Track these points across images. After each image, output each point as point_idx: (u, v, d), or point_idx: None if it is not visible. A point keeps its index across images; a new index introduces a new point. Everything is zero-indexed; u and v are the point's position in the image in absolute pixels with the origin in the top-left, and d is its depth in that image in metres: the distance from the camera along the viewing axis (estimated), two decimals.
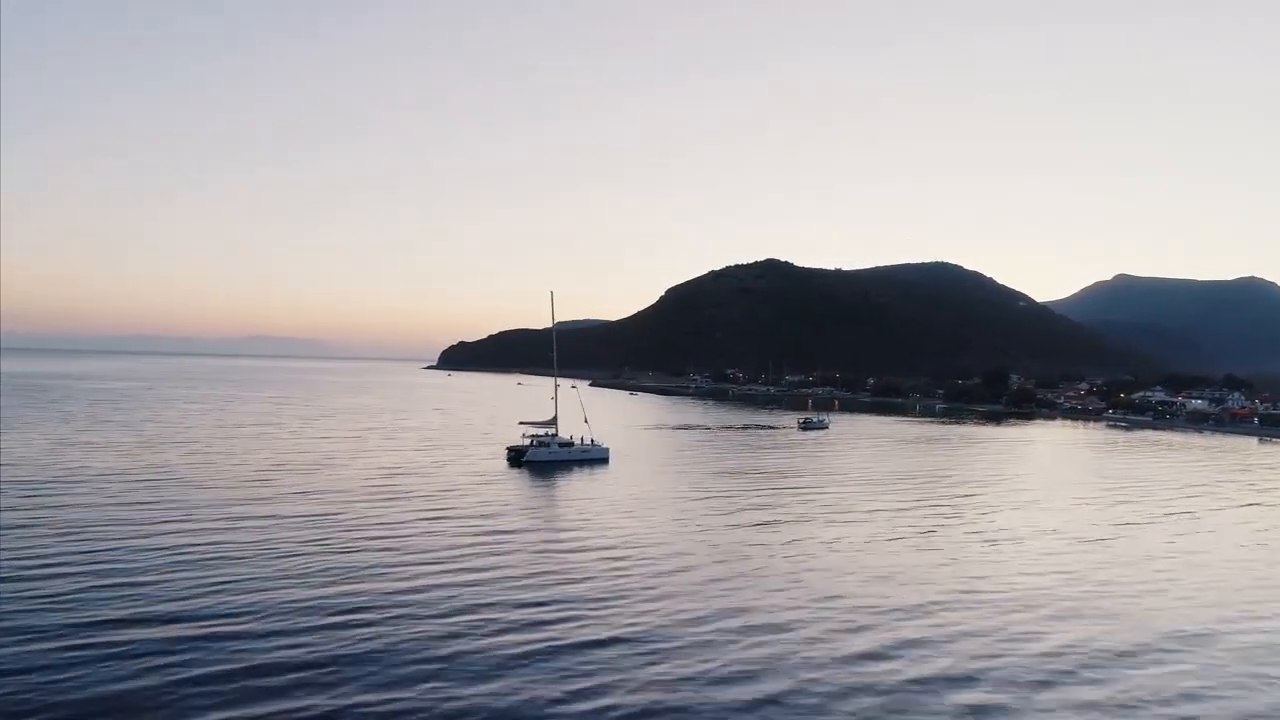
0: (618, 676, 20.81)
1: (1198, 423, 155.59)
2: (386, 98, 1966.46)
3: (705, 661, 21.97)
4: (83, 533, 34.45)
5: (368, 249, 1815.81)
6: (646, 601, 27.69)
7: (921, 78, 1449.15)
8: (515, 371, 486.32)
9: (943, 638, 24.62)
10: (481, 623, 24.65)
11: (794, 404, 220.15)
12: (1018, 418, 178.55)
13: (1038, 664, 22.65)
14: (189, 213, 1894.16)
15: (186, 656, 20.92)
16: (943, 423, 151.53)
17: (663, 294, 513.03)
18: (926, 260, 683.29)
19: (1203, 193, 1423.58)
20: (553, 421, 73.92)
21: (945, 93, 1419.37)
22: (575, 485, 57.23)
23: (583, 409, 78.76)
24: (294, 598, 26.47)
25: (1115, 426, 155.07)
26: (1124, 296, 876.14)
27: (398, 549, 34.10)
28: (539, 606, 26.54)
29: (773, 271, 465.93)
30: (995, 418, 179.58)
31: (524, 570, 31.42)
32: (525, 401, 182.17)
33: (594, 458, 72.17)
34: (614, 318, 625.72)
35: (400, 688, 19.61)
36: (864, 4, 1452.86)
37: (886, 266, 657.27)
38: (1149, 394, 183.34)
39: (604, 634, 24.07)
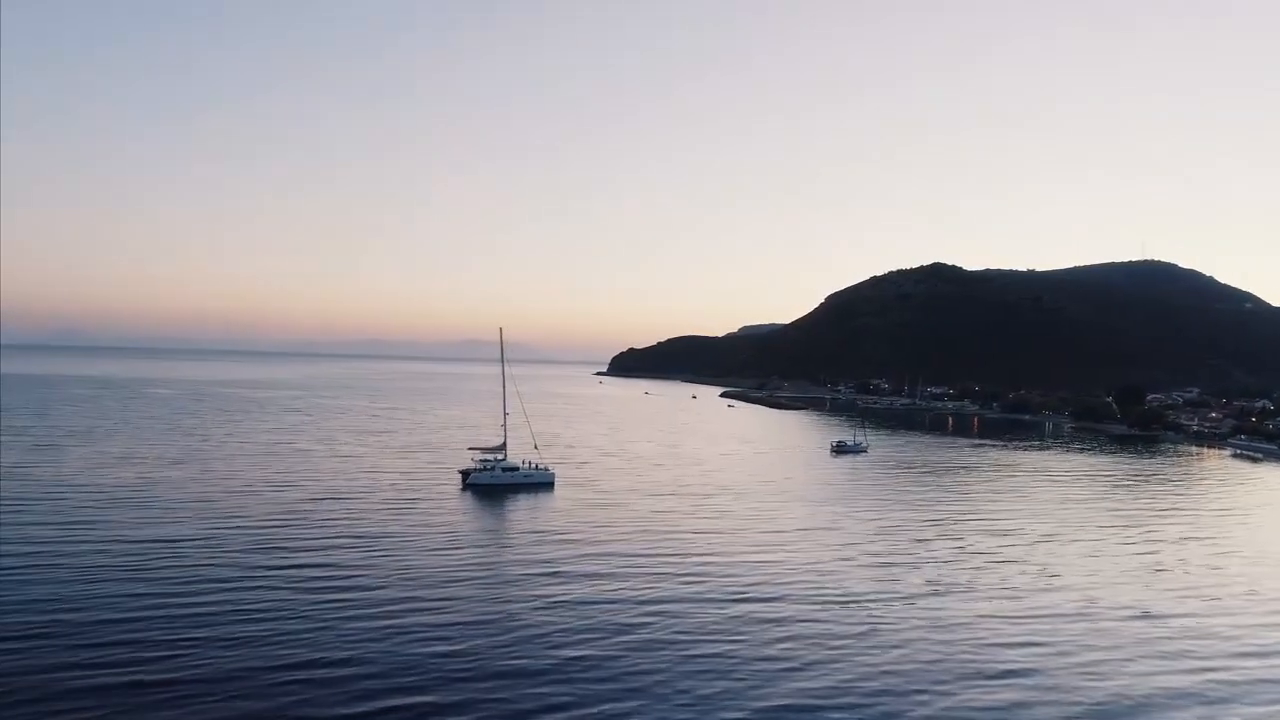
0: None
1: None
2: (569, 117, 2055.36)
3: None
4: None
5: (569, 255, 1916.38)
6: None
7: (1136, 68, 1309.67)
8: (677, 379, 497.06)
9: None
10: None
11: (933, 421, 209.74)
12: (1143, 441, 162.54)
13: None
14: (404, 224, 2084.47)
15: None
16: (1034, 448, 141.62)
17: (823, 300, 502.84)
18: (1133, 259, 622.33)
19: None
20: (501, 448, 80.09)
21: (1172, 83, 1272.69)
22: (488, 510, 63.29)
23: (533, 435, 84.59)
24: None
25: (1241, 455, 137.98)
26: None
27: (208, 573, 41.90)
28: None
29: (936, 276, 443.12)
30: (1125, 441, 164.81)
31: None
32: (632, 415, 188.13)
33: (538, 482, 77.39)
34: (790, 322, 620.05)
35: None
36: None
37: (1084, 267, 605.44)
38: None
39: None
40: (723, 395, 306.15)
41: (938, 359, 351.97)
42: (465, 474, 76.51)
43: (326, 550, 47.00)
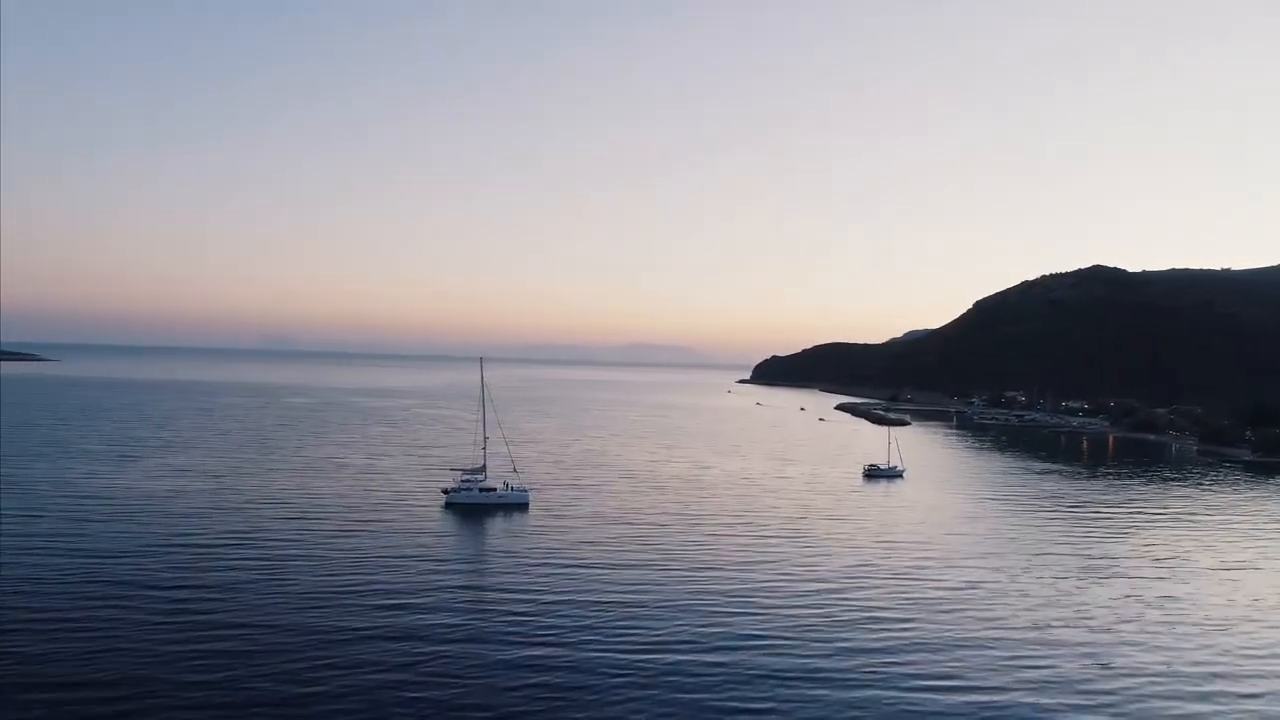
0: None
1: None
2: (736, 121, 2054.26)
3: None
4: None
5: (734, 259, 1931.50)
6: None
7: None
8: (815, 388, 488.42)
9: None
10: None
11: (1068, 442, 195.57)
12: (1264, 469, 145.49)
13: None
14: (571, 231, 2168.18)
15: None
16: (1118, 477, 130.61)
17: (969, 307, 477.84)
18: None
19: None
20: (481, 469, 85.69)
21: None
22: (461, 529, 69.14)
23: (511, 457, 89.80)
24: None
25: None
26: None
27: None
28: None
29: (1093, 279, 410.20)
30: (1249, 468, 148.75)
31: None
32: (713, 431, 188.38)
33: (513, 503, 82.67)
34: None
35: None
36: None
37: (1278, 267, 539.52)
38: None
39: None
40: (837, 408, 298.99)
41: (1085, 370, 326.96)
42: (447, 492, 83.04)
43: (226, 588, 52.40)
